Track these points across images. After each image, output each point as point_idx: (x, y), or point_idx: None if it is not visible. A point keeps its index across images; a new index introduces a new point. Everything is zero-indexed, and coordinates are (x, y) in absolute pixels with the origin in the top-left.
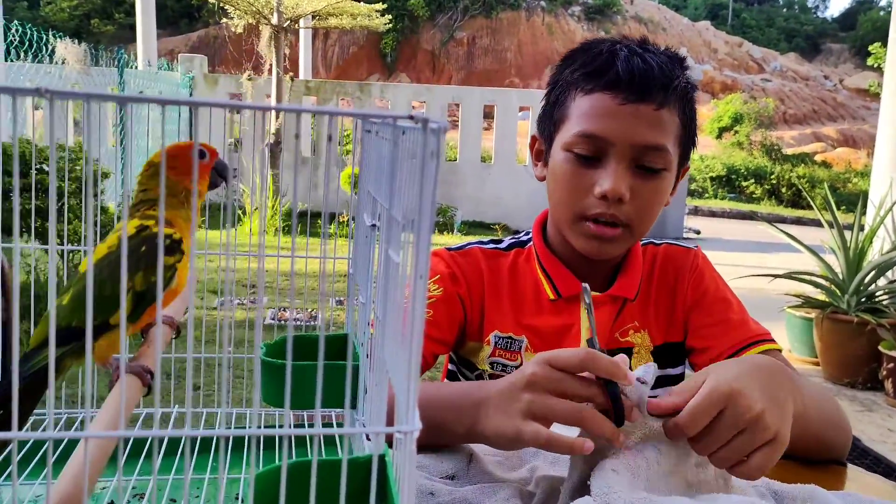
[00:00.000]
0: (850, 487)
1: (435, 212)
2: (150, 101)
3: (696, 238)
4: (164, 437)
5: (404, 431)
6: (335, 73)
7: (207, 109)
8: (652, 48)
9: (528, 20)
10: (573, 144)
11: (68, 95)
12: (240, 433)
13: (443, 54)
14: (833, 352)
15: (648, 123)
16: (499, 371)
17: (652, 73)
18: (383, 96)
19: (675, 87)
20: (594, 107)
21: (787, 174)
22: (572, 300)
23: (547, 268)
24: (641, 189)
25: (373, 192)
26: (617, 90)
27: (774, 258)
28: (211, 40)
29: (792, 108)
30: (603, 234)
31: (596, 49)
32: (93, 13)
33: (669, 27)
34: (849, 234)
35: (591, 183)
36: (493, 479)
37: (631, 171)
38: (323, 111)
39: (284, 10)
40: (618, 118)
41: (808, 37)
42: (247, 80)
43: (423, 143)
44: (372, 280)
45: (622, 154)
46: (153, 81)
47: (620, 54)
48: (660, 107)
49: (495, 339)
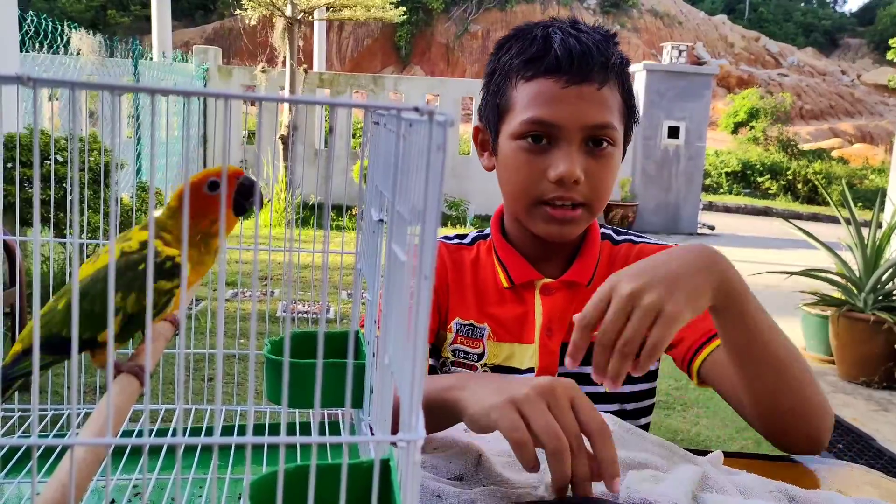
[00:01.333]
0: (870, 493)
1: (441, 207)
2: (137, 90)
3: (710, 234)
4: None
5: (407, 441)
6: (350, 66)
7: (221, 101)
8: (584, 27)
9: (544, 13)
10: (522, 132)
11: (50, 83)
12: (233, 441)
13: (457, 47)
14: (849, 350)
15: (593, 103)
16: (460, 358)
17: (591, 53)
18: (397, 89)
19: (614, 65)
20: (538, 92)
21: (804, 170)
22: (526, 286)
23: (502, 256)
24: (594, 168)
25: (380, 185)
26: (558, 74)
27: (790, 255)
28: (226, 32)
29: (809, 103)
30: (563, 217)
31: (530, 34)
32: (109, 4)
33: (686, 21)
34: (866, 231)
35: (544, 168)
36: (501, 480)
37: (582, 151)
38: (330, 102)
39: (298, 2)
40: (563, 102)
41: (825, 31)
42: (260, 72)
43: (430, 135)
44: (379, 276)
45: (572, 136)
46: (168, 73)
47: (555, 38)
48: (601, 85)
49: (456, 326)
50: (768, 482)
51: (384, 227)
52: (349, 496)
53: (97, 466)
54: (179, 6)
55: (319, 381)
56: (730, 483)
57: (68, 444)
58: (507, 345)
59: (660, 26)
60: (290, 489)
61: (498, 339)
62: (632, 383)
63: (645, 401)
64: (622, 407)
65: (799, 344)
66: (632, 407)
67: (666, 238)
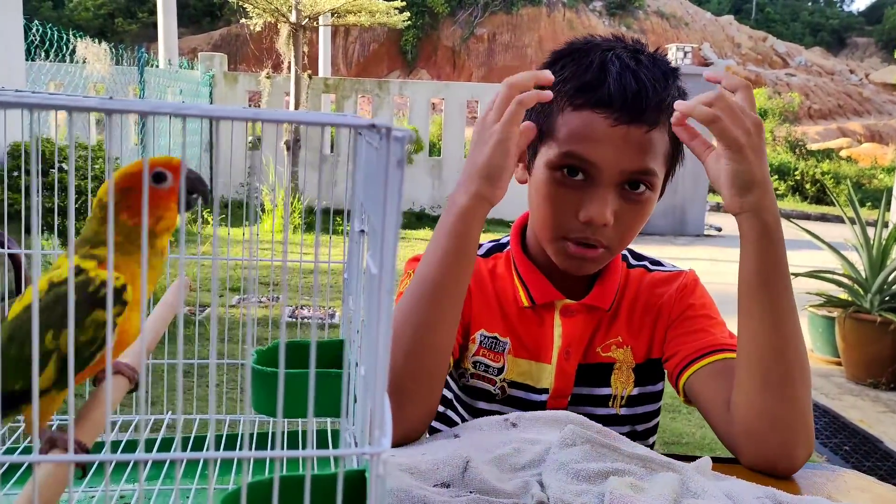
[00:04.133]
0: (858, 497)
1: (400, 224)
2: (93, 110)
3: (717, 235)
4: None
5: (370, 454)
6: (356, 70)
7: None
8: (645, 59)
9: (549, 16)
10: (559, 164)
11: (44, 107)
12: (192, 456)
13: (463, 51)
14: (856, 352)
15: (638, 147)
16: (481, 371)
17: (646, 94)
18: (402, 93)
19: (668, 105)
20: (583, 126)
21: (812, 170)
22: (547, 307)
23: (523, 274)
24: (625, 212)
25: (361, 196)
26: (608, 110)
27: (797, 256)
28: (233, 38)
29: (817, 103)
30: (584, 256)
31: (586, 59)
32: (116, 12)
33: (692, 22)
34: (872, 232)
35: (575, 205)
36: (489, 487)
37: (616, 194)
38: (290, 119)
39: (303, 8)
40: (607, 142)
41: (833, 31)
42: (265, 78)
43: (387, 152)
44: (361, 287)
45: (609, 179)
46: (173, 80)
47: (612, 69)
48: (651, 128)
49: (481, 337)
50: (756, 487)
51: (365, 237)
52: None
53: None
54: (186, 13)
55: (312, 392)
56: (717, 488)
57: (31, 460)
58: (524, 361)
59: (666, 27)
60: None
61: (516, 355)
62: (643, 405)
63: (653, 420)
64: (633, 428)
65: (806, 346)
66: (642, 428)
67: (672, 239)
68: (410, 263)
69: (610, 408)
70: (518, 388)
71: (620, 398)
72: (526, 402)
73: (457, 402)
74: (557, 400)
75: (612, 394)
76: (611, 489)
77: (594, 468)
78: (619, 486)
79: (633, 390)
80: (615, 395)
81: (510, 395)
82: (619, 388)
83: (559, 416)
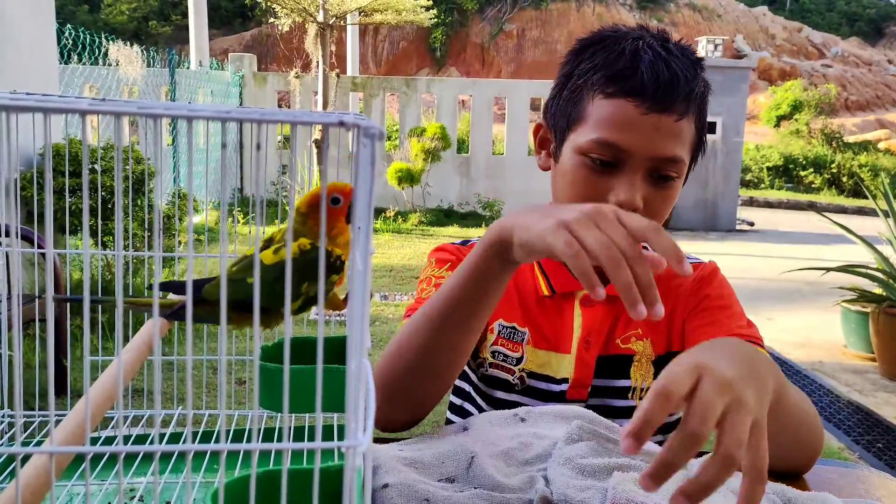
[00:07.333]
0: (864, 493)
1: (372, 223)
2: (105, 113)
3: (749, 230)
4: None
5: (346, 447)
6: (385, 69)
7: None
8: (673, 48)
9: (579, 10)
10: (590, 150)
11: (61, 111)
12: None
13: (492, 47)
14: (890, 347)
15: (668, 134)
16: (499, 360)
17: (677, 83)
18: (430, 91)
19: (696, 95)
20: (615, 113)
21: (849, 163)
22: (566, 296)
23: (543, 263)
24: (653, 198)
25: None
26: (641, 98)
27: (831, 250)
28: (264, 38)
29: (854, 94)
30: None
31: (617, 47)
32: (150, 15)
33: (725, 14)
34: None
35: (604, 190)
36: (493, 482)
37: (645, 180)
38: (258, 119)
39: (330, 8)
40: (639, 129)
41: (870, 20)
42: (294, 77)
43: (357, 149)
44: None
45: (639, 165)
46: (204, 81)
47: (644, 57)
48: (681, 117)
49: (499, 327)
50: None
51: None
52: (321, 499)
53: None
54: (219, 15)
55: (320, 388)
56: (723, 484)
57: (12, 452)
58: (543, 352)
59: (698, 20)
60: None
61: (535, 346)
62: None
63: (674, 415)
64: (664, 437)
65: (839, 341)
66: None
67: (704, 234)
68: (434, 252)
69: (630, 400)
70: (537, 378)
71: (640, 390)
72: (545, 392)
73: (475, 392)
74: (577, 390)
75: (632, 386)
76: (614, 484)
77: (599, 463)
78: (622, 482)
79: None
80: (635, 387)
81: (529, 385)
82: (639, 380)
83: (567, 412)
